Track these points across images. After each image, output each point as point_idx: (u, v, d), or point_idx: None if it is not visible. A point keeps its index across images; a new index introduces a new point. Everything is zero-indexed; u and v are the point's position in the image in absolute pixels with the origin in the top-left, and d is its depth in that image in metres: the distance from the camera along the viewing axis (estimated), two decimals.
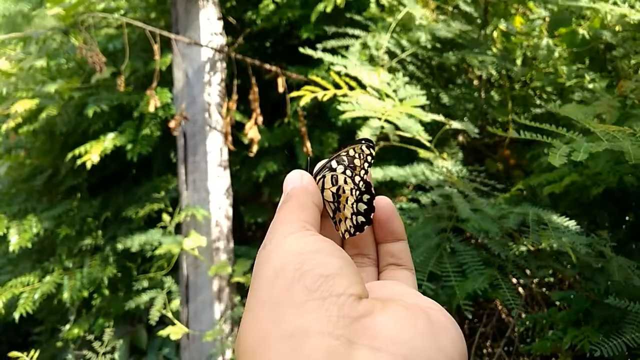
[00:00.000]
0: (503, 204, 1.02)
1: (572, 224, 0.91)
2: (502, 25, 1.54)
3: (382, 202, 0.36)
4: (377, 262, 0.37)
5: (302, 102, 1.26)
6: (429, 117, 1.18)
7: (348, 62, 1.23)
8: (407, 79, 1.25)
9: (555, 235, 0.85)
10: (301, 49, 1.33)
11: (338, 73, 1.23)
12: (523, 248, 0.94)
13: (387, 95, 1.19)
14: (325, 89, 1.21)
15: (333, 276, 0.27)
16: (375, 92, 1.19)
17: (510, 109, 1.52)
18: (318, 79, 1.23)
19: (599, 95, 1.16)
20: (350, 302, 0.26)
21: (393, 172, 1.20)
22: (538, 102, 1.61)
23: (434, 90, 1.62)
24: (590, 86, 1.28)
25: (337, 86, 1.22)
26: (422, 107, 1.22)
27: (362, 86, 1.21)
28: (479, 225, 0.97)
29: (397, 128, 1.13)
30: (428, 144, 1.19)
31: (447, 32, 1.53)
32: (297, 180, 0.34)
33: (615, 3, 0.92)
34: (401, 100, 1.18)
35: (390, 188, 1.57)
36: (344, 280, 0.27)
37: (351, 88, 1.19)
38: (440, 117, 1.25)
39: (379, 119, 1.10)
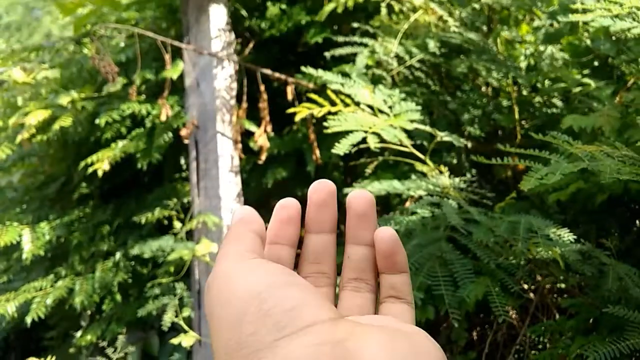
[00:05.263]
0: (499, 212, 1.02)
1: (565, 232, 0.90)
2: (506, 33, 1.55)
3: (387, 233, 0.35)
4: (375, 290, 0.36)
5: (298, 118, 1.31)
6: (413, 125, 1.20)
7: (346, 80, 1.25)
8: (403, 95, 1.27)
9: (545, 244, 0.85)
10: (302, 68, 1.37)
11: (336, 90, 1.26)
12: (522, 256, 0.95)
13: (381, 111, 1.21)
14: (321, 105, 1.24)
15: (298, 308, 0.26)
16: (369, 108, 1.22)
17: (517, 115, 1.52)
18: (315, 97, 1.27)
19: (604, 102, 1.16)
20: (326, 328, 0.25)
21: (389, 186, 1.20)
22: (544, 108, 1.61)
23: (442, 96, 1.62)
24: (596, 93, 1.28)
25: (333, 103, 1.25)
26: (415, 120, 1.25)
27: (357, 103, 1.23)
28: (475, 235, 0.97)
29: (381, 140, 1.16)
30: (422, 156, 1.21)
31: (454, 39, 1.54)
32: (236, 214, 0.34)
33: (616, 16, 0.92)
34: (396, 116, 1.20)
35: (384, 203, 1.59)
36: (310, 309, 0.26)
37: (346, 105, 1.22)
38: (426, 128, 1.27)
39: (365, 132, 1.12)
